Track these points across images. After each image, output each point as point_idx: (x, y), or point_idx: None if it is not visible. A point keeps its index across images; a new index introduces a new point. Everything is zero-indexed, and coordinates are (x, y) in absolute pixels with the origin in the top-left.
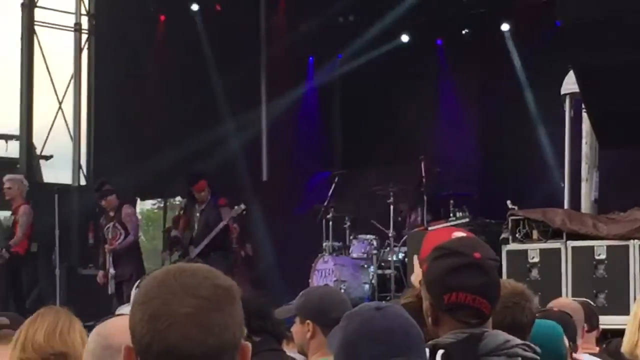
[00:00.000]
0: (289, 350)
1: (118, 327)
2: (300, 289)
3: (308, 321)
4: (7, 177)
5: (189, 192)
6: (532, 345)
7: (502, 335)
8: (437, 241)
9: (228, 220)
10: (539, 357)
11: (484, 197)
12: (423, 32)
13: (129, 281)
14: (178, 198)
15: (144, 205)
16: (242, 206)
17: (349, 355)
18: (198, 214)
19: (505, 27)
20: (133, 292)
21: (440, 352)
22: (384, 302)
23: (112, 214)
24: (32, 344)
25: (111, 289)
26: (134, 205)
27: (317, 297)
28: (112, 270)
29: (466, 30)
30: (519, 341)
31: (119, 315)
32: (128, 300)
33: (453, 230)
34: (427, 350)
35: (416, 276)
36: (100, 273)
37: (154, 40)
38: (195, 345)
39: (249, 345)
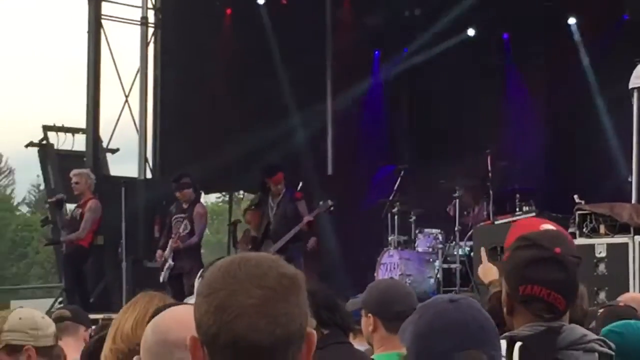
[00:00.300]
0: (356, 343)
1: (174, 320)
2: (365, 283)
3: (370, 314)
4: (74, 171)
5: (263, 184)
6: (608, 341)
7: (579, 330)
8: (524, 231)
9: (315, 215)
10: (613, 353)
11: (550, 191)
12: (489, 26)
13: (189, 274)
14: (241, 192)
15: (209, 199)
16: (329, 202)
17: (422, 347)
18: (275, 207)
19: (572, 20)
20: (196, 282)
21: (518, 344)
22: (457, 294)
23: (185, 206)
24: (121, 334)
25: (164, 277)
26: (199, 199)
27: (380, 290)
28: (171, 262)
29: (532, 24)
30: (595, 336)
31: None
32: (190, 293)
33: (542, 222)
34: (504, 342)
35: (482, 269)
36: (159, 252)
37: (220, 33)
38: (263, 336)
39: (314, 333)
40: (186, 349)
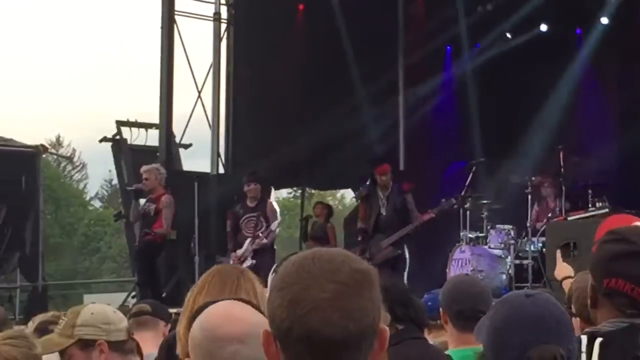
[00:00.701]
0: (431, 338)
1: (220, 316)
2: (437, 279)
3: (440, 309)
4: (143, 168)
5: (372, 175)
6: None
7: None
8: (614, 225)
9: (437, 213)
10: None
11: (624, 187)
12: (562, 22)
13: (265, 271)
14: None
15: (280, 194)
16: (453, 200)
17: (498, 342)
18: (385, 201)
19: None
20: (270, 277)
21: (599, 340)
22: (532, 290)
23: (251, 204)
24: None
25: None
26: (269, 194)
27: (449, 286)
28: (251, 261)
29: (606, 20)
30: None
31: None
32: None
33: (635, 219)
34: (585, 337)
35: (558, 270)
36: (233, 255)
37: (292, 29)
38: (336, 331)
39: (387, 329)
40: (237, 342)
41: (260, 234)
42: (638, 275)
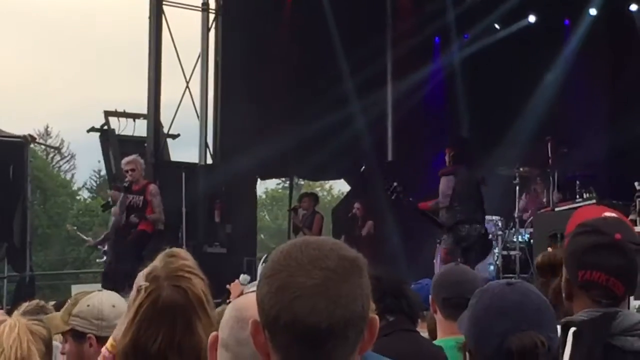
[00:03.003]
0: (424, 330)
1: (252, 301)
2: (424, 269)
3: (430, 296)
4: (125, 160)
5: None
6: None
7: (636, 316)
8: (585, 218)
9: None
10: None
11: (611, 178)
12: (550, 12)
13: None
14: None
15: (268, 185)
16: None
17: (479, 329)
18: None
19: (634, 7)
20: (259, 267)
21: (573, 329)
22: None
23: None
24: None
25: None
26: (254, 184)
27: (439, 274)
28: None
29: (594, 11)
30: None
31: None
32: None
33: (604, 209)
34: (559, 327)
35: None
36: None
37: (280, 19)
38: (322, 317)
39: (377, 318)
40: None
41: None
42: (612, 266)
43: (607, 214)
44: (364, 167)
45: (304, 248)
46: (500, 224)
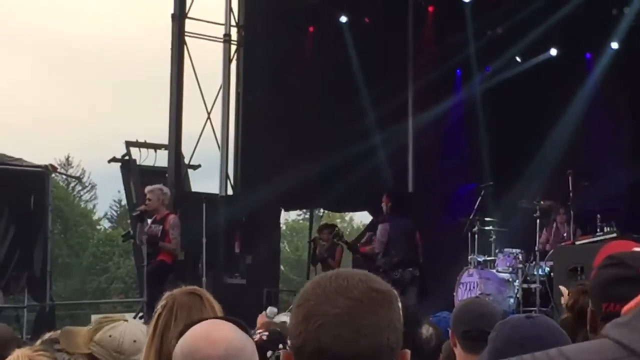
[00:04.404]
0: None
1: (200, 338)
2: (444, 302)
3: (449, 328)
4: (147, 188)
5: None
6: None
7: None
8: (613, 251)
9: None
10: None
11: (633, 212)
12: (572, 46)
13: None
14: (321, 209)
15: (289, 216)
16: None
17: None
18: None
19: None
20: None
21: None
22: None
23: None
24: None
25: None
26: (278, 215)
27: (458, 307)
28: None
29: (616, 44)
30: None
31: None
32: None
33: (634, 244)
34: None
35: (565, 300)
36: None
37: (302, 51)
38: (346, 347)
39: (408, 352)
40: None
41: None
42: None
43: (637, 249)
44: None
45: (333, 279)
46: (520, 256)
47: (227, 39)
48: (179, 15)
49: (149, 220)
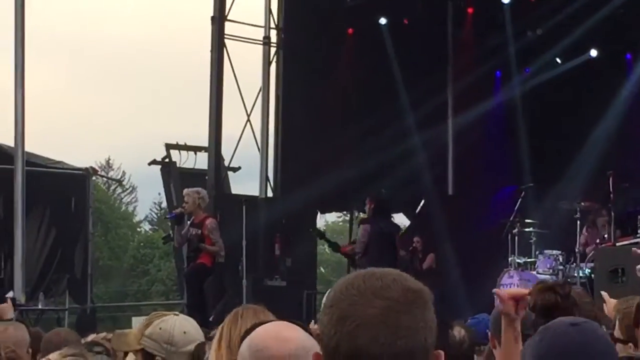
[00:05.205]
0: None
1: (270, 336)
2: (484, 304)
3: (489, 333)
4: (185, 191)
5: None
6: None
7: None
8: None
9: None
10: None
11: None
12: (612, 47)
13: None
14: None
15: (329, 218)
16: None
17: None
18: None
19: None
20: (324, 298)
21: None
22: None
23: None
24: (228, 341)
25: None
26: (315, 218)
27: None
28: None
29: None
30: None
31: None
32: None
33: None
34: None
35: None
36: None
37: (342, 53)
38: (384, 348)
39: (442, 353)
40: None
41: None
42: None
43: None
44: (423, 202)
45: (367, 278)
46: (560, 258)
47: (266, 41)
48: (219, 18)
49: (188, 223)
